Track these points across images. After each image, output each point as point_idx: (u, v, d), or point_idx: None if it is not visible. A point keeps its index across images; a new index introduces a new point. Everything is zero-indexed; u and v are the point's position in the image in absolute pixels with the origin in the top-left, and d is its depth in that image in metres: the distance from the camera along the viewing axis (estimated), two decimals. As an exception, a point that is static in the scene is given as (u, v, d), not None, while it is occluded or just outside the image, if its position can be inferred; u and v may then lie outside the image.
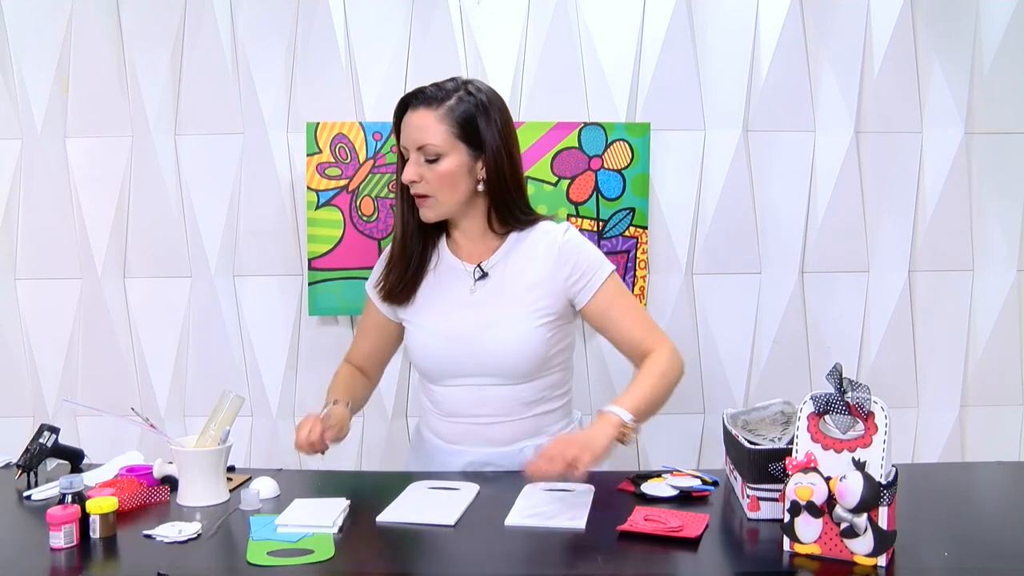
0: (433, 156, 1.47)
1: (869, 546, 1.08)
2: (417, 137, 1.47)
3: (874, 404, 1.12)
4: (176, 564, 1.13)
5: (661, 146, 2.22)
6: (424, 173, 1.47)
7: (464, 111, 1.48)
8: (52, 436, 1.53)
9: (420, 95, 1.49)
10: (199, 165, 2.23)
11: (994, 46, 2.24)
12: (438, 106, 1.47)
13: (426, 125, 1.46)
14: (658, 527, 1.21)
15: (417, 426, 1.72)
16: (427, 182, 1.48)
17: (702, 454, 2.33)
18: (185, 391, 2.29)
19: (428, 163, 1.47)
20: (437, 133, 1.46)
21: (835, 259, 2.29)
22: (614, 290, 1.55)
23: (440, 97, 1.48)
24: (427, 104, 1.47)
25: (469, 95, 1.49)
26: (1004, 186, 2.28)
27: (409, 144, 1.48)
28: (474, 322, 1.53)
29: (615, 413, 1.38)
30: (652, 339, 1.53)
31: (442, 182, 1.48)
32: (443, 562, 1.17)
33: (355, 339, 1.75)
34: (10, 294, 2.25)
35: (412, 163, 1.48)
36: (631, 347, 1.55)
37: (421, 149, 1.47)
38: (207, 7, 2.18)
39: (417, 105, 1.48)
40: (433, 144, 1.46)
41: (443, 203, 1.51)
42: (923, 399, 2.35)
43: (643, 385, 1.46)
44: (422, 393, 1.65)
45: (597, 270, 1.54)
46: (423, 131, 1.46)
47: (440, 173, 1.47)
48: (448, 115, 1.47)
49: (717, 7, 2.22)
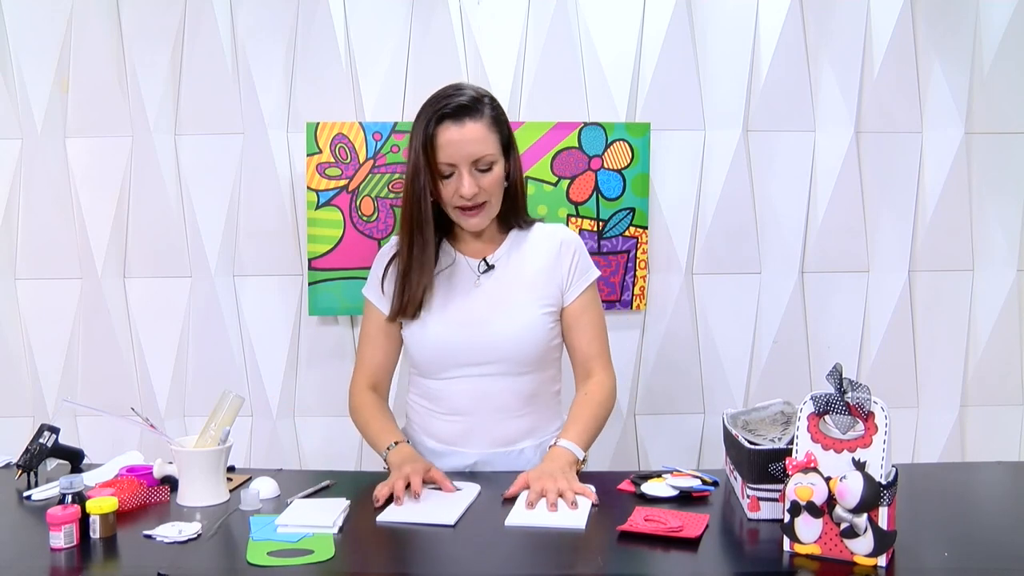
0: (487, 166, 1.49)
1: (869, 546, 1.08)
2: (474, 150, 1.47)
3: (874, 404, 1.12)
4: (176, 564, 1.13)
5: (661, 146, 2.22)
6: (480, 183, 1.49)
7: (500, 118, 1.52)
8: (52, 436, 1.53)
9: (461, 108, 1.47)
10: (199, 165, 2.23)
11: (994, 46, 2.24)
12: (481, 117, 1.48)
13: (481, 137, 1.47)
14: (658, 527, 1.21)
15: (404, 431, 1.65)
16: (484, 191, 1.50)
17: (702, 454, 2.33)
18: (185, 391, 2.29)
19: (481, 173, 1.49)
20: (491, 143, 1.49)
21: (835, 259, 2.29)
22: (593, 298, 1.62)
23: (479, 108, 1.49)
24: (472, 116, 1.47)
25: (492, 100, 1.53)
26: (1004, 186, 2.28)
27: (461, 159, 1.46)
28: (479, 310, 1.55)
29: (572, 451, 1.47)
30: (602, 363, 1.61)
31: (495, 188, 1.52)
32: (443, 562, 1.17)
33: (362, 352, 1.66)
34: (10, 294, 2.25)
35: (468, 176, 1.47)
36: (583, 358, 1.61)
37: (477, 161, 1.48)
38: (207, 7, 2.18)
39: (462, 118, 1.46)
40: (490, 154, 1.49)
41: (494, 208, 1.55)
42: (923, 399, 2.35)
43: (589, 420, 1.54)
44: (416, 394, 1.64)
45: (588, 270, 1.61)
46: (480, 143, 1.47)
47: (494, 180, 1.51)
48: (493, 124, 1.50)
49: (717, 7, 2.22)
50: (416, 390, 1.64)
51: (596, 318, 1.61)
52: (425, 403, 1.62)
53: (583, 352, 1.60)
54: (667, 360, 2.29)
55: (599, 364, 1.60)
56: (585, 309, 1.59)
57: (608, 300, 2.22)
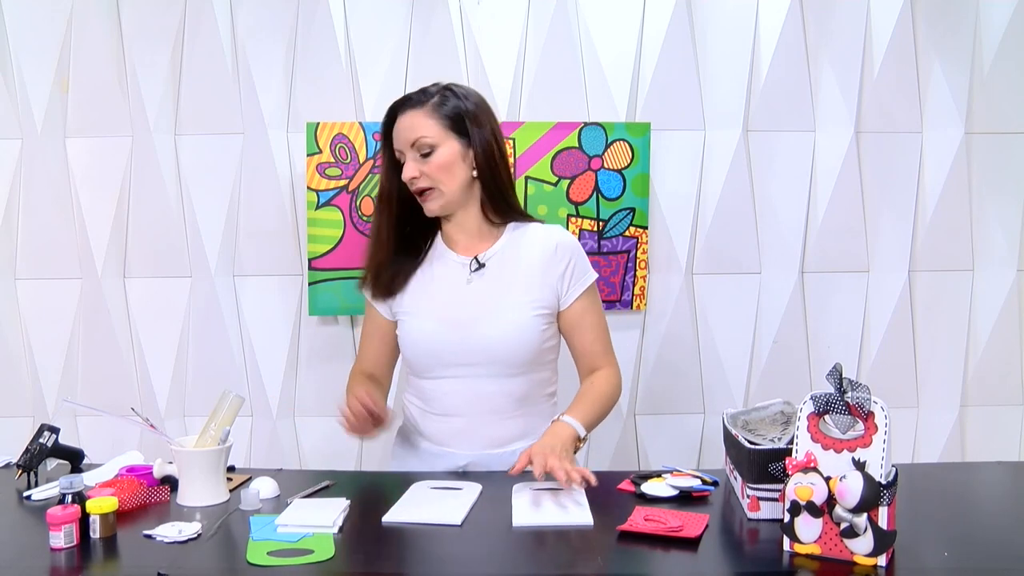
0: (427, 149, 1.52)
1: (869, 546, 1.08)
2: (409, 135, 1.53)
3: (874, 404, 1.12)
4: (176, 564, 1.13)
5: (661, 146, 2.23)
6: (422, 168, 1.53)
7: (450, 105, 1.54)
8: (52, 436, 1.53)
9: (406, 101, 1.56)
10: (199, 165, 2.23)
11: (994, 46, 2.24)
12: (423, 105, 1.54)
13: (416, 122, 1.53)
14: (658, 527, 1.21)
15: (400, 430, 1.70)
16: (426, 175, 1.53)
17: (702, 454, 2.33)
18: (185, 391, 2.29)
19: (423, 157, 1.52)
20: (428, 126, 1.52)
21: (835, 259, 2.29)
22: (593, 299, 1.62)
23: (424, 99, 1.55)
24: (413, 106, 1.54)
25: (451, 92, 1.56)
26: (1004, 186, 2.28)
27: (402, 144, 1.54)
28: (470, 310, 1.54)
29: (573, 427, 1.46)
30: (606, 359, 1.62)
31: (439, 172, 1.53)
32: (443, 562, 1.17)
33: (360, 347, 1.73)
34: (10, 294, 2.25)
35: (409, 161, 1.53)
36: (587, 359, 1.61)
37: (415, 145, 1.52)
38: (207, 7, 2.18)
39: (405, 109, 1.55)
40: (425, 136, 1.52)
41: (445, 193, 1.54)
42: (923, 399, 2.35)
43: (594, 403, 1.55)
44: (412, 394, 1.65)
45: (586, 273, 1.60)
46: (414, 128, 1.52)
47: (436, 164, 1.52)
48: (435, 110, 1.53)
49: (717, 7, 2.22)
50: (411, 389, 1.65)
51: (597, 319, 1.61)
52: (419, 403, 1.62)
53: (587, 351, 1.60)
54: (667, 360, 2.29)
55: (604, 360, 1.61)
56: (585, 311, 1.59)
57: (608, 300, 2.22)
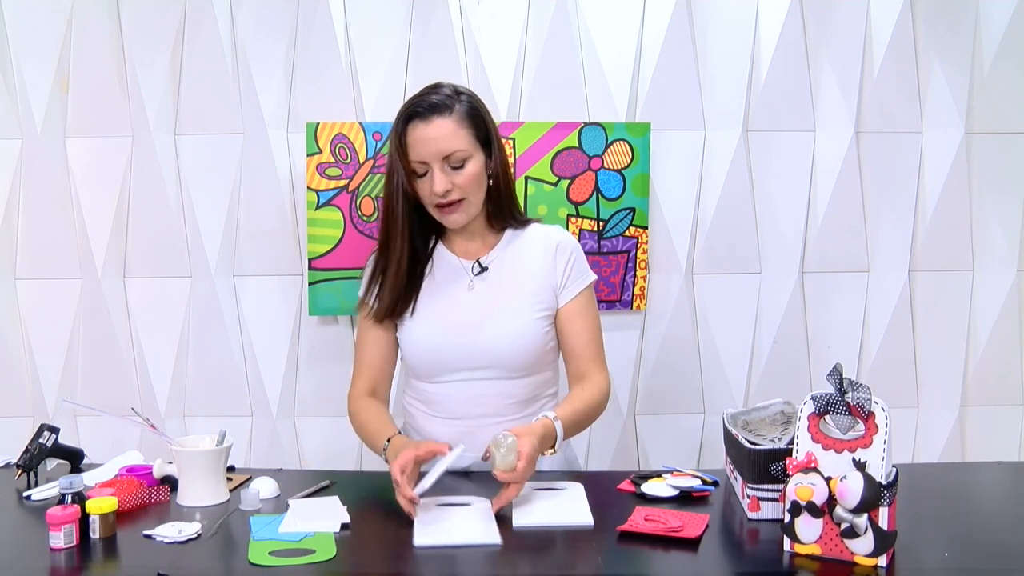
0: (459, 163, 1.47)
1: (869, 546, 1.08)
2: (443, 147, 1.45)
3: (874, 404, 1.12)
4: (176, 564, 1.13)
5: (661, 146, 2.22)
6: (453, 180, 1.48)
7: (474, 112, 1.50)
8: (52, 436, 1.53)
9: (429, 106, 1.46)
10: (199, 165, 2.23)
11: (994, 46, 2.24)
12: (451, 113, 1.47)
13: (448, 133, 1.46)
14: (658, 527, 1.21)
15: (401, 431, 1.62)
16: (459, 188, 1.48)
17: (702, 454, 2.33)
18: (185, 391, 2.29)
19: (455, 169, 1.48)
20: (461, 138, 1.47)
21: (835, 259, 2.29)
22: (589, 301, 1.60)
23: (449, 104, 1.47)
24: (440, 113, 1.46)
25: (467, 97, 1.51)
26: (1004, 186, 2.28)
27: (431, 156, 1.46)
28: (474, 314, 1.53)
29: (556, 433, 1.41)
30: (596, 366, 1.58)
31: (471, 184, 1.49)
32: (443, 562, 1.17)
33: (357, 361, 1.63)
34: (10, 294, 2.25)
35: (439, 173, 1.46)
36: (577, 362, 1.58)
37: (447, 158, 1.46)
38: (207, 7, 2.18)
39: (429, 116, 1.46)
40: (461, 150, 1.46)
41: (474, 205, 1.52)
42: (923, 399, 2.35)
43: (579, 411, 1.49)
44: (412, 397, 1.63)
45: (585, 273, 1.59)
46: (448, 139, 1.45)
47: (469, 176, 1.48)
48: (464, 119, 1.48)
49: (717, 7, 2.22)
50: (412, 393, 1.63)
51: (591, 322, 1.58)
52: (420, 406, 1.61)
53: (577, 355, 1.57)
54: (667, 360, 2.29)
55: (594, 367, 1.57)
56: (580, 312, 1.57)
57: (608, 300, 2.22)
